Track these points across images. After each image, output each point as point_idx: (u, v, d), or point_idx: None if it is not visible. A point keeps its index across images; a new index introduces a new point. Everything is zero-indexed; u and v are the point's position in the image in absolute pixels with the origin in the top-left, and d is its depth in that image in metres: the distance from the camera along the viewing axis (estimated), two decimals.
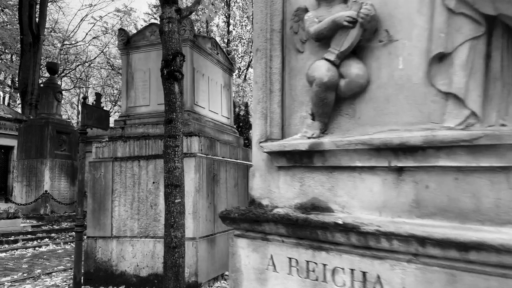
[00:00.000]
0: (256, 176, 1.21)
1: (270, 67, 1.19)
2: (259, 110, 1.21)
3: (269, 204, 1.15)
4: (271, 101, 1.18)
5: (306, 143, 1.04)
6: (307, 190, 1.08)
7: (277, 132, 1.18)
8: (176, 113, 3.15)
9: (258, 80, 1.21)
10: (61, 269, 5.71)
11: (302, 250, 1.00)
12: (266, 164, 1.18)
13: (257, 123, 1.23)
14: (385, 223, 0.86)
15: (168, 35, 3.21)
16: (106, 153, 4.77)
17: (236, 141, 5.96)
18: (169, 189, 3.03)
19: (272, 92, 1.18)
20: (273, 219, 1.04)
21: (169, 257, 2.94)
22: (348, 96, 1.06)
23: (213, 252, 4.59)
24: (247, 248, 1.12)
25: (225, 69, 6.07)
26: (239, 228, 1.18)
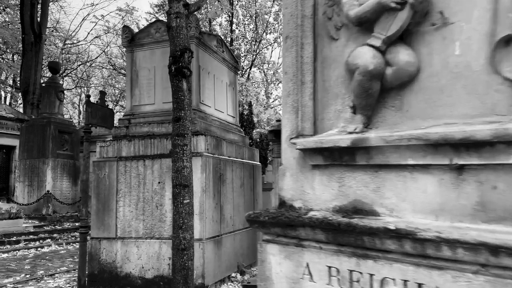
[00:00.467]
0: (286, 176, 1.11)
1: (301, 56, 1.09)
2: (289, 103, 1.11)
3: (303, 206, 1.05)
4: (303, 93, 1.08)
5: (348, 139, 0.93)
6: (348, 191, 0.98)
7: (309, 127, 1.07)
8: (184, 111, 3.05)
9: (288, 70, 1.11)
10: (64, 271, 5.61)
11: (344, 258, 0.90)
12: (298, 162, 1.08)
13: (287, 118, 1.13)
14: (445, 229, 0.76)
15: (176, 30, 3.11)
16: (110, 152, 4.67)
17: (242, 141, 5.86)
18: (178, 189, 2.93)
19: (304, 83, 1.08)
20: (310, 223, 0.94)
21: (178, 260, 2.84)
22: (394, 86, 0.95)
23: (219, 253, 4.49)
24: (278, 254, 1.02)
25: (231, 67, 5.97)
26: (269, 233, 1.08)
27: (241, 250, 5.11)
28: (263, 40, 16.27)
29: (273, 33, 16.43)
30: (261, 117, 12.12)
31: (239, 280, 4.70)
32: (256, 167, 6.03)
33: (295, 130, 1.10)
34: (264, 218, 1.05)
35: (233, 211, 5.00)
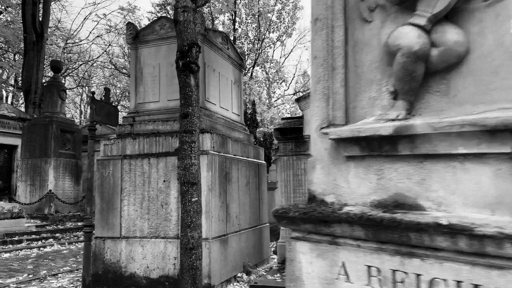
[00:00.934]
0: (317, 169, 1.03)
1: (332, 40, 1.01)
2: (320, 90, 1.03)
3: (335, 201, 0.97)
4: (334, 79, 1.00)
5: (390, 127, 0.86)
6: (388, 184, 0.90)
7: (341, 116, 1.00)
8: (192, 107, 2.97)
9: (317, 54, 1.03)
10: (67, 270, 5.54)
11: (386, 257, 0.83)
12: (330, 154, 1.00)
13: (316, 106, 1.05)
14: (507, 224, 0.68)
15: (183, 25, 3.04)
16: (114, 150, 4.60)
17: (247, 139, 5.79)
18: (186, 187, 2.86)
19: (335, 69, 1.00)
20: (347, 219, 0.86)
21: (186, 259, 2.77)
22: (440, 69, 0.88)
23: (225, 253, 4.42)
24: (309, 253, 0.94)
25: (236, 65, 5.90)
26: (299, 230, 1.00)
27: (247, 249, 5.03)
28: (266, 39, 16.20)
29: (276, 31, 16.37)
30: (264, 116, 12.05)
31: (245, 280, 4.62)
32: (261, 166, 5.96)
33: (326, 119, 1.02)
34: (294, 214, 0.97)
35: (239, 210, 4.92)
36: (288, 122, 5.22)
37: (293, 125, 5.10)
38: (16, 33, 14.74)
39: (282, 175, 5.05)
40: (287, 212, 1.00)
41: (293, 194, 4.94)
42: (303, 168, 4.93)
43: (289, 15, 16.07)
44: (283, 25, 16.26)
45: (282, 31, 16.42)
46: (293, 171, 4.97)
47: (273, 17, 15.81)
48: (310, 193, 1.04)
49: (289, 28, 16.29)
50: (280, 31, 16.40)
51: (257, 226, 5.52)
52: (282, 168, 5.06)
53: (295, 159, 4.98)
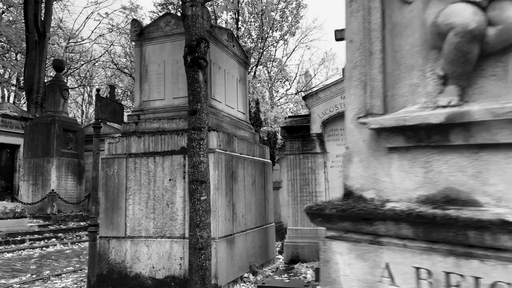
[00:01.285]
0: (354, 162, 0.95)
1: (369, 22, 0.94)
2: (356, 76, 0.95)
3: (376, 197, 0.89)
4: (371, 65, 0.93)
5: (441, 114, 0.78)
6: (437, 177, 0.82)
7: (379, 104, 0.92)
8: (201, 104, 2.90)
9: (354, 38, 0.96)
10: (70, 270, 5.48)
11: (438, 258, 0.75)
12: (369, 145, 0.92)
13: (352, 93, 0.97)
14: None
15: (191, 19, 2.97)
16: (119, 149, 4.53)
17: (253, 137, 5.71)
18: (194, 185, 2.79)
19: (372, 54, 0.93)
20: (393, 216, 0.78)
21: (195, 259, 2.70)
22: (496, 50, 0.80)
23: (232, 253, 4.34)
24: (347, 254, 0.87)
25: (241, 63, 5.82)
26: (335, 228, 0.92)
27: (253, 249, 4.96)
28: (269, 38, 16.11)
29: (279, 30, 16.28)
30: (268, 115, 11.97)
31: (252, 280, 4.55)
32: (267, 165, 5.88)
33: (363, 108, 0.94)
34: (331, 211, 0.89)
35: (245, 209, 4.85)
36: (295, 120, 5.15)
37: (299, 123, 5.03)
38: (18, 32, 14.70)
39: (288, 174, 4.98)
40: (323, 209, 0.92)
41: (300, 193, 4.86)
42: (310, 167, 4.86)
43: (293, 14, 15.98)
44: (286, 23, 16.17)
45: (286, 30, 16.33)
46: (299, 170, 4.89)
47: (276, 16, 15.72)
48: (346, 188, 0.96)
49: (293, 27, 16.20)
50: (284, 30, 16.31)
51: (263, 225, 5.44)
52: (289, 167, 4.98)
53: (301, 157, 4.91)
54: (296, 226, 4.81)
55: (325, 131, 4.82)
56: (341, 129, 4.81)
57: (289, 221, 4.89)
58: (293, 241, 4.77)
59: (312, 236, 4.72)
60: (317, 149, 4.80)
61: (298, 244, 4.73)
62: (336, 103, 4.71)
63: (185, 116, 4.46)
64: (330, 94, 4.76)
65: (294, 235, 4.79)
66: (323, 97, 4.78)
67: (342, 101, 4.70)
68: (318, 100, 4.81)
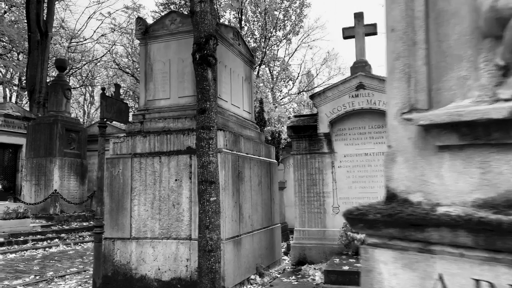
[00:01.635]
0: (397, 162, 0.87)
1: (412, 9, 0.87)
2: (399, 68, 0.88)
3: (424, 200, 0.82)
4: (415, 56, 0.86)
5: (504, 108, 0.70)
6: (497, 179, 0.75)
7: (423, 99, 0.85)
8: (210, 102, 2.84)
9: (396, 26, 0.88)
10: (74, 272, 5.43)
11: (503, 269, 0.68)
12: (415, 144, 0.85)
13: (395, 87, 0.90)
14: None
15: (200, 16, 2.90)
16: (124, 149, 4.47)
17: (258, 137, 5.64)
18: (204, 185, 2.72)
19: (416, 44, 0.86)
20: (449, 222, 0.71)
21: (205, 262, 2.63)
22: None
23: (239, 254, 4.27)
24: (393, 263, 0.79)
25: (246, 61, 5.76)
26: (379, 235, 0.84)
27: (259, 251, 4.89)
28: (273, 37, 16.02)
29: (283, 29, 16.19)
30: (271, 115, 11.90)
31: (259, 282, 4.48)
32: (273, 165, 5.81)
33: (407, 103, 0.87)
34: (375, 216, 0.82)
35: (251, 210, 4.78)
36: (302, 120, 5.07)
37: (306, 122, 4.96)
38: (20, 32, 14.67)
39: (295, 174, 4.91)
40: (365, 214, 0.85)
41: (307, 194, 4.79)
42: (317, 167, 4.78)
43: (296, 13, 15.89)
44: (290, 22, 16.07)
45: (289, 29, 16.23)
46: (306, 170, 4.82)
47: (279, 15, 15.63)
48: (388, 191, 0.88)
49: (296, 26, 16.10)
50: (287, 29, 16.21)
51: (269, 226, 5.38)
52: (296, 167, 4.91)
53: (309, 157, 4.83)
54: (303, 227, 4.74)
55: (333, 130, 4.75)
56: (349, 129, 4.73)
57: (296, 222, 4.82)
58: (300, 243, 4.70)
59: (319, 237, 4.65)
60: (325, 149, 4.73)
61: (305, 246, 4.66)
62: (344, 102, 4.64)
63: (191, 116, 4.40)
64: (338, 93, 4.69)
65: (301, 236, 4.71)
66: (331, 96, 4.71)
67: (350, 100, 4.63)
68: (326, 99, 4.74)
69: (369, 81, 4.56)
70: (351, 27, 4.93)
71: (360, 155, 4.63)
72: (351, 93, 4.63)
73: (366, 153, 4.62)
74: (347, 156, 4.69)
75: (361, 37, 4.86)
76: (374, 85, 4.54)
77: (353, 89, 4.61)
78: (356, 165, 4.63)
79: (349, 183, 4.63)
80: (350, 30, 4.92)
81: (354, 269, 3.59)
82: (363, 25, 4.89)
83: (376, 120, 4.61)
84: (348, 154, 4.69)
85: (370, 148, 4.61)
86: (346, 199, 4.64)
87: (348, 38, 4.99)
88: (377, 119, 4.60)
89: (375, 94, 4.52)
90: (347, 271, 3.57)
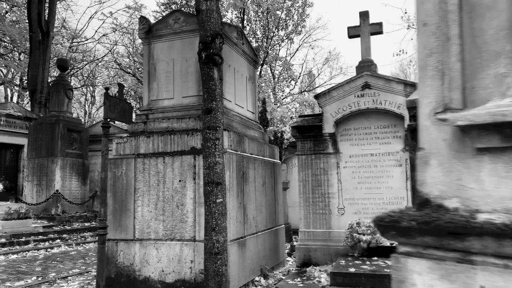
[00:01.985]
0: (431, 165, 0.82)
1: (445, 2, 0.82)
2: (433, 64, 0.83)
3: (461, 206, 0.77)
4: (448, 52, 0.81)
5: None
6: None
7: (458, 98, 0.80)
8: (216, 102, 2.79)
9: (428, 20, 0.83)
10: (76, 273, 5.38)
11: None
12: (450, 145, 0.80)
13: (428, 85, 0.85)
14: None
15: (206, 14, 2.85)
16: (127, 149, 4.43)
17: (262, 137, 5.60)
18: (210, 187, 2.67)
19: (450, 39, 0.81)
20: (494, 231, 0.66)
21: (211, 265, 2.58)
22: None
23: (243, 256, 4.23)
24: (428, 273, 0.74)
25: (250, 61, 5.71)
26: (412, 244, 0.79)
27: (264, 252, 4.84)
28: (275, 37, 15.96)
29: (285, 29, 16.12)
30: (274, 115, 11.85)
31: (264, 284, 4.43)
32: (277, 165, 5.77)
33: (441, 102, 0.82)
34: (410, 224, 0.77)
35: (256, 211, 4.73)
36: (306, 120, 5.02)
37: (311, 122, 4.90)
38: (21, 32, 14.64)
39: (300, 175, 4.86)
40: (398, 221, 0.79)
41: (312, 195, 4.74)
42: (322, 168, 4.73)
43: (298, 12, 15.83)
44: (292, 22, 16.00)
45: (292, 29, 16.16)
46: (311, 171, 4.77)
47: (282, 14, 15.56)
48: (421, 196, 0.83)
49: (299, 25, 16.03)
50: (289, 28, 16.13)
51: (273, 227, 5.33)
52: (300, 167, 4.86)
53: (313, 158, 4.78)
54: (308, 228, 4.69)
55: (338, 130, 4.69)
56: (354, 129, 4.68)
57: (300, 223, 4.76)
58: (305, 244, 4.65)
59: (324, 238, 4.60)
60: (330, 149, 4.68)
61: (310, 247, 4.61)
62: (349, 102, 4.58)
63: (194, 116, 4.36)
64: (343, 93, 4.63)
65: (306, 237, 4.66)
66: (336, 96, 4.66)
67: (356, 99, 4.57)
68: (331, 99, 4.68)
69: (375, 80, 4.50)
70: (356, 26, 4.88)
71: (366, 156, 4.57)
72: (356, 92, 4.57)
73: (371, 153, 4.56)
74: (353, 157, 4.63)
75: (366, 36, 4.81)
76: (380, 85, 4.48)
77: (359, 88, 4.56)
78: (362, 165, 4.58)
79: (354, 183, 4.58)
80: (356, 29, 4.87)
81: (361, 271, 3.54)
82: (369, 24, 4.84)
83: (381, 120, 4.55)
84: (353, 155, 4.63)
85: (375, 149, 4.56)
86: (351, 200, 4.59)
87: (353, 37, 4.94)
88: (383, 119, 4.55)
89: (381, 93, 4.46)
90: (353, 273, 3.52)
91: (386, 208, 4.47)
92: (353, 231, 4.11)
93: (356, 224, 4.14)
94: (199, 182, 3.97)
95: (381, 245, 4.03)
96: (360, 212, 4.52)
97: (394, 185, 4.44)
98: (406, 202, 4.41)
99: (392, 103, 4.41)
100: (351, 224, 4.18)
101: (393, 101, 4.41)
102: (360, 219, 4.18)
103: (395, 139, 4.51)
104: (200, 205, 3.94)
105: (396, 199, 4.44)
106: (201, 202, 3.93)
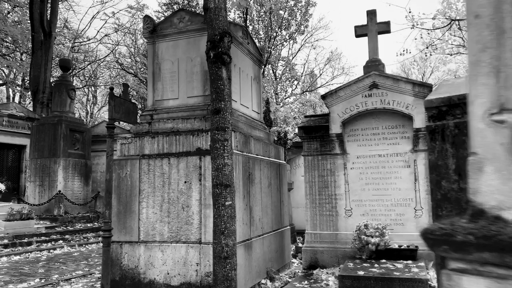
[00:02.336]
0: (486, 172, 0.74)
1: None
2: (487, 61, 0.76)
3: None
4: (504, 47, 0.74)
5: None
6: None
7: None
8: (224, 102, 2.72)
9: (481, 12, 0.76)
10: (80, 275, 5.32)
11: None
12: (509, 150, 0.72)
13: (482, 83, 0.77)
14: None
15: (214, 12, 2.79)
16: (132, 150, 4.37)
17: (267, 138, 5.53)
18: (218, 189, 2.61)
19: (505, 32, 0.74)
20: None
21: (220, 269, 2.52)
22: None
23: (250, 259, 4.16)
24: None
25: (255, 61, 5.64)
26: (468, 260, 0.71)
27: (270, 254, 4.77)
28: (278, 37, 15.90)
29: (288, 29, 16.05)
30: (277, 115, 11.79)
31: (270, 287, 4.36)
32: (282, 166, 5.70)
33: (496, 102, 0.75)
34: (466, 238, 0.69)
35: (262, 212, 4.67)
36: (313, 120, 4.95)
37: (317, 123, 4.84)
38: (23, 32, 14.61)
39: (306, 176, 4.79)
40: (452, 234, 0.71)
41: (318, 196, 4.67)
42: (329, 169, 4.66)
43: (302, 12, 15.77)
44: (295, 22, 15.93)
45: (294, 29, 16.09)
46: (318, 172, 4.70)
47: (285, 14, 15.49)
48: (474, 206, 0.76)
49: (302, 25, 15.97)
50: (292, 28, 16.07)
51: (279, 229, 5.26)
52: (306, 168, 4.79)
53: (320, 159, 4.71)
54: (315, 230, 4.62)
55: (345, 131, 4.62)
56: (362, 129, 4.61)
57: (307, 225, 4.69)
58: (312, 246, 4.58)
59: (331, 240, 4.53)
60: (337, 150, 4.61)
61: (317, 249, 4.54)
62: (357, 102, 4.51)
63: (200, 116, 4.29)
64: (350, 93, 4.56)
65: (313, 239, 4.59)
66: (343, 96, 4.59)
67: (363, 99, 4.50)
68: (338, 99, 4.61)
69: (382, 80, 4.43)
70: (363, 25, 4.81)
71: (373, 156, 4.50)
72: (364, 92, 4.50)
73: (379, 154, 4.49)
74: (360, 158, 4.56)
75: (374, 35, 4.74)
76: (388, 85, 4.41)
77: (366, 88, 4.49)
78: (369, 166, 4.51)
79: (362, 185, 4.51)
80: (363, 28, 4.80)
81: (370, 274, 3.47)
82: (376, 23, 4.77)
83: (389, 120, 4.48)
84: (361, 155, 4.56)
85: (383, 149, 4.49)
86: (359, 202, 4.52)
87: (361, 36, 4.87)
88: (391, 119, 4.48)
89: (389, 93, 4.39)
90: (362, 276, 3.45)
91: (394, 210, 4.40)
92: (361, 233, 4.04)
93: (364, 226, 4.07)
94: (205, 183, 3.91)
95: (390, 247, 3.96)
96: (367, 213, 4.45)
97: (403, 186, 4.37)
98: (415, 203, 4.33)
99: (400, 103, 4.34)
100: (359, 226, 4.11)
101: (401, 101, 4.34)
102: (368, 221, 4.11)
103: (403, 140, 4.43)
104: (206, 207, 3.88)
105: (405, 201, 4.37)
106: (206, 204, 3.86)
